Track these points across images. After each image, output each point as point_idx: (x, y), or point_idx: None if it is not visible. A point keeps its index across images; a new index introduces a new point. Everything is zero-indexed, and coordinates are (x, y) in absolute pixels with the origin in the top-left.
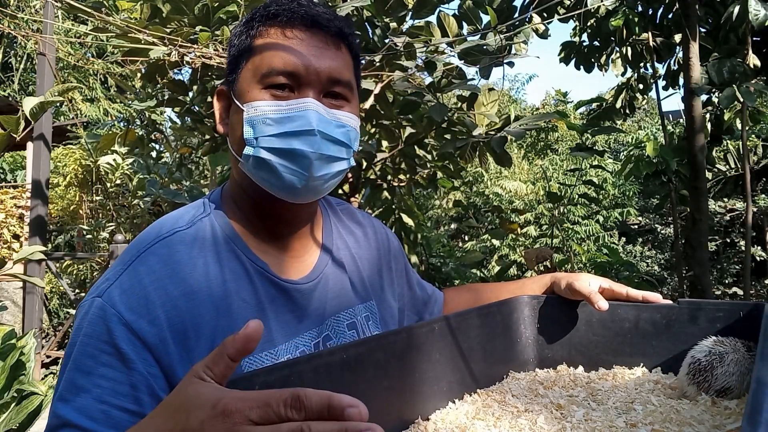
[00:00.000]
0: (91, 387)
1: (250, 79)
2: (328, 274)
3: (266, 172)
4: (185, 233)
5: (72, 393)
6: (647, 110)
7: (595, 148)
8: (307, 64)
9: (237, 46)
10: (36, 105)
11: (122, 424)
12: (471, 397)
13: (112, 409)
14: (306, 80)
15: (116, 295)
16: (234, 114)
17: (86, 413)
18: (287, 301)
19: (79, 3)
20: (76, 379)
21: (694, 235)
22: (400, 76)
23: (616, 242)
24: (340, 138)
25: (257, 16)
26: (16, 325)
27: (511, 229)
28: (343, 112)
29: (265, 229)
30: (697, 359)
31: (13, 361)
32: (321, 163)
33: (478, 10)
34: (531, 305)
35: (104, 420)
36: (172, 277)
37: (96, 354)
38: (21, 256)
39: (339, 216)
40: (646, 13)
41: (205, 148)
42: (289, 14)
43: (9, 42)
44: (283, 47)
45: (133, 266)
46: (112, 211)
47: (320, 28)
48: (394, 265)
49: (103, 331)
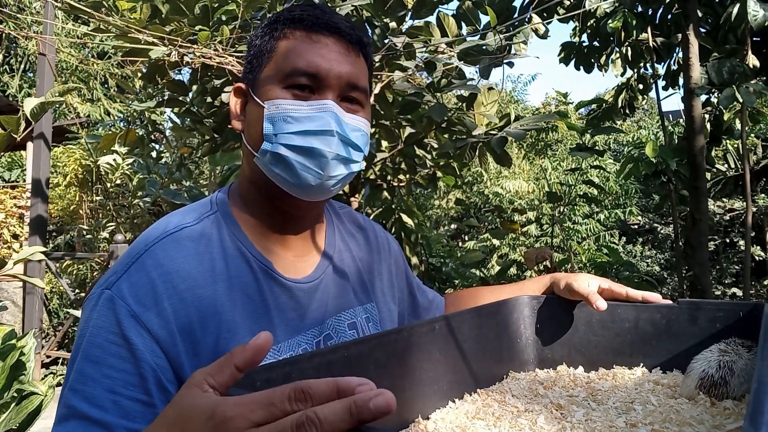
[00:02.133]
0: (100, 377)
1: (272, 78)
2: (330, 274)
3: (282, 168)
4: (192, 229)
5: (82, 383)
6: (647, 110)
7: (596, 148)
8: (329, 67)
9: (259, 47)
10: (36, 105)
11: (132, 414)
12: (471, 396)
13: (122, 399)
14: (327, 83)
15: (125, 287)
16: (252, 110)
17: (96, 403)
18: (290, 300)
19: (79, 3)
20: (86, 369)
21: (694, 235)
22: (400, 76)
23: (616, 242)
24: (356, 141)
25: (281, 19)
26: (16, 325)
27: (511, 228)
28: (358, 117)
29: (272, 227)
30: (710, 375)
31: (13, 361)
32: (337, 163)
33: (477, 11)
34: (531, 305)
35: (114, 410)
36: (179, 271)
37: (105, 345)
38: (21, 257)
39: (341, 219)
40: (645, 13)
41: (204, 148)
42: (313, 19)
43: (9, 42)
44: (308, 49)
45: (141, 259)
46: (112, 211)
47: (342, 36)
48: (395, 269)
49: (112, 323)
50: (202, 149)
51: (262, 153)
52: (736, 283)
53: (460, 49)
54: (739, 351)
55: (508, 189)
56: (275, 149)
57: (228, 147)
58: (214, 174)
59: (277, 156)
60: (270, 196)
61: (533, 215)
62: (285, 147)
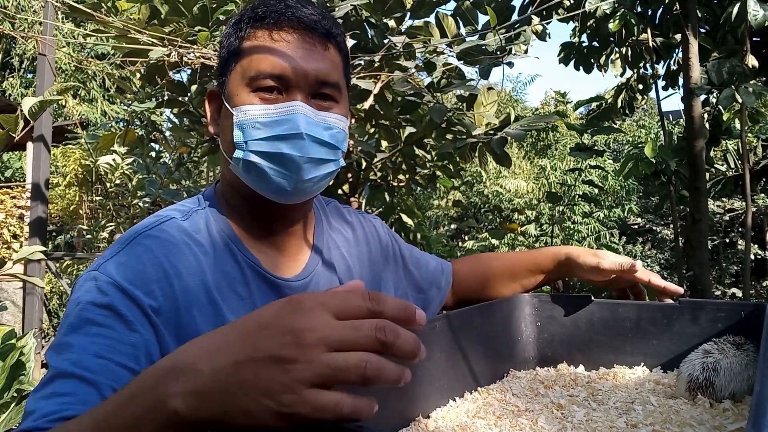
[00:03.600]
0: (87, 344)
1: (239, 82)
2: (319, 272)
3: (255, 175)
4: (181, 222)
5: (67, 350)
6: (646, 110)
7: (596, 148)
8: (294, 66)
9: (227, 48)
10: (35, 104)
11: (121, 381)
12: (472, 395)
13: (111, 364)
14: (294, 83)
15: (113, 268)
16: (224, 117)
17: (82, 365)
18: (278, 298)
19: (78, 3)
20: (72, 339)
21: (694, 235)
22: (400, 76)
23: (616, 242)
24: (328, 140)
25: (245, 17)
26: (16, 325)
27: (511, 228)
28: (331, 113)
29: (258, 227)
30: (695, 377)
31: (13, 361)
32: (309, 166)
33: (476, 11)
34: (532, 303)
35: (103, 372)
36: (168, 257)
37: (93, 317)
38: (21, 256)
39: (328, 215)
40: (645, 13)
41: (204, 148)
42: (276, 16)
43: (9, 42)
44: (271, 50)
45: (130, 245)
46: (112, 211)
47: (307, 30)
48: (385, 254)
49: (101, 298)
50: (202, 149)
51: (235, 161)
52: (735, 283)
53: (460, 49)
54: (725, 349)
55: (508, 188)
56: (247, 157)
57: None
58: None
59: (249, 163)
60: (251, 201)
61: (532, 214)
62: (255, 154)
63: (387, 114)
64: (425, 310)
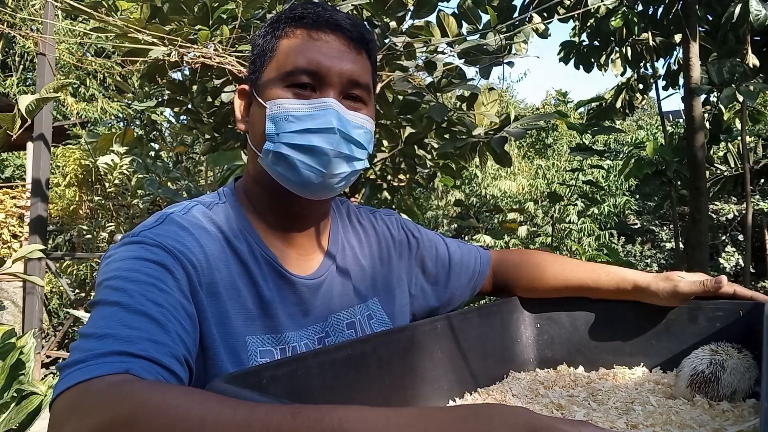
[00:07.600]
0: (144, 291)
1: (273, 78)
2: (333, 273)
3: (284, 167)
4: (207, 210)
5: (121, 291)
6: (647, 110)
7: (595, 148)
8: (330, 65)
9: (261, 46)
10: (32, 102)
11: (182, 338)
12: (471, 396)
13: (168, 314)
14: (328, 81)
15: (152, 234)
16: (255, 111)
17: (147, 305)
18: (293, 294)
19: (78, 3)
20: (121, 284)
21: (694, 235)
22: (400, 76)
23: (615, 242)
24: (358, 138)
25: (283, 17)
26: (16, 325)
27: (510, 228)
28: (361, 114)
29: (277, 224)
30: (700, 371)
31: (12, 361)
32: (339, 161)
33: (477, 10)
34: (531, 305)
35: (160, 314)
36: (195, 239)
37: (145, 269)
38: (20, 255)
39: (343, 215)
40: (646, 12)
41: (204, 147)
42: (315, 17)
43: (8, 41)
44: (309, 47)
45: (165, 222)
46: (112, 211)
47: (343, 33)
48: (399, 250)
49: (150, 255)
50: (202, 147)
51: (265, 153)
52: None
53: (460, 49)
54: (729, 351)
55: (500, 188)
56: (277, 149)
57: (228, 146)
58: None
59: (280, 155)
60: (275, 196)
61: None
62: (287, 146)
63: (387, 114)
64: (443, 303)
